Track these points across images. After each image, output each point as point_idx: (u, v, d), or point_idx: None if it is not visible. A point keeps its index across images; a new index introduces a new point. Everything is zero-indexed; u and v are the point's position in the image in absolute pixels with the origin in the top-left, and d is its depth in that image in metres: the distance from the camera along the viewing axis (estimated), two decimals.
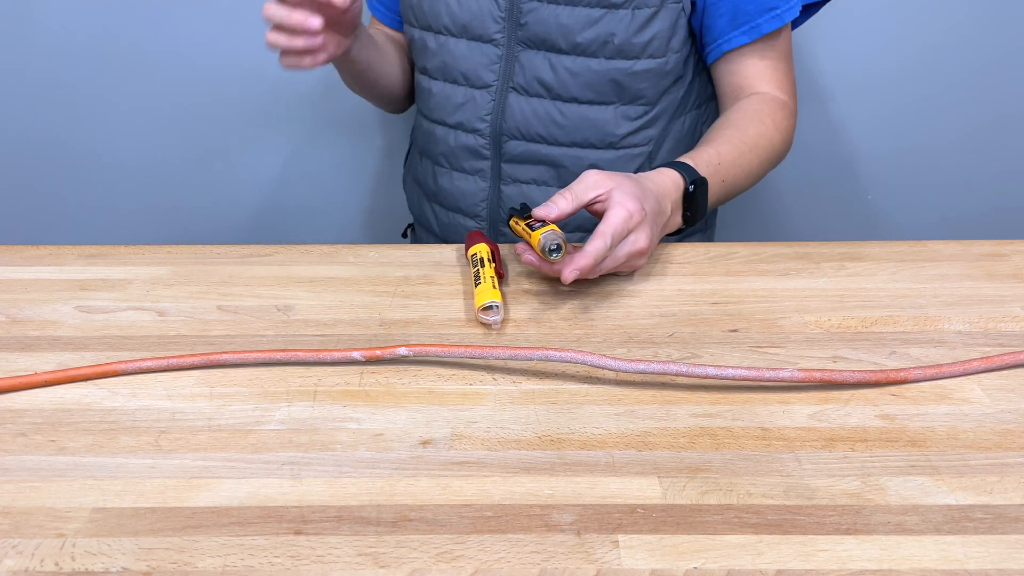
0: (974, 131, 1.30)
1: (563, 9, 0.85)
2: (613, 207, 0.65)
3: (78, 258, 0.72)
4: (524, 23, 0.86)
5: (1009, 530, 0.44)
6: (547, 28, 0.86)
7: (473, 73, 0.91)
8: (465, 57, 0.91)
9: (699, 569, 0.41)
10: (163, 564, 0.41)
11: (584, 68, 0.87)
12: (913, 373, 0.56)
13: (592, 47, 0.85)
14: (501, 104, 0.91)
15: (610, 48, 0.85)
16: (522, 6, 0.86)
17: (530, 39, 0.87)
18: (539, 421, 0.52)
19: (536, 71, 0.88)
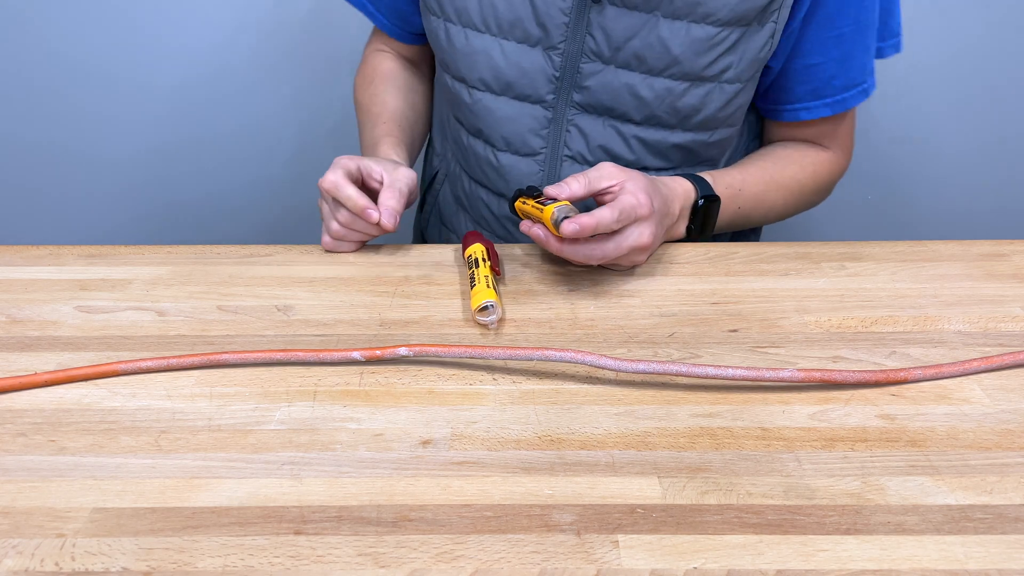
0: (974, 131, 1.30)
1: (640, 78, 0.75)
2: (625, 194, 0.65)
3: (78, 258, 0.72)
4: (585, 87, 0.76)
5: (1009, 530, 0.44)
6: (616, 96, 0.76)
7: (518, 139, 0.81)
8: (509, 119, 0.80)
9: (699, 569, 0.41)
10: (163, 564, 0.41)
11: (661, 140, 0.78)
12: (913, 373, 0.56)
13: (672, 120, 0.77)
14: (554, 174, 0.81)
15: (693, 122, 0.77)
16: (582, 67, 0.76)
17: (591, 105, 0.77)
18: (539, 421, 0.52)
19: (600, 139, 0.79)
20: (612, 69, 0.75)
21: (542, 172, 0.81)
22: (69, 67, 1.25)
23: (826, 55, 0.78)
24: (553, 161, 0.80)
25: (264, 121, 1.30)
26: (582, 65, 0.75)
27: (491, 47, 0.77)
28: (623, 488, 0.46)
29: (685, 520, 0.44)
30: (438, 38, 0.80)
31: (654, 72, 0.74)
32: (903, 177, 1.34)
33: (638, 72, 0.75)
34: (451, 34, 0.79)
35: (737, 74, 0.75)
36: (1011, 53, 1.24)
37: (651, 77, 0.74)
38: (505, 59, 0.77)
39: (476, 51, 0.78)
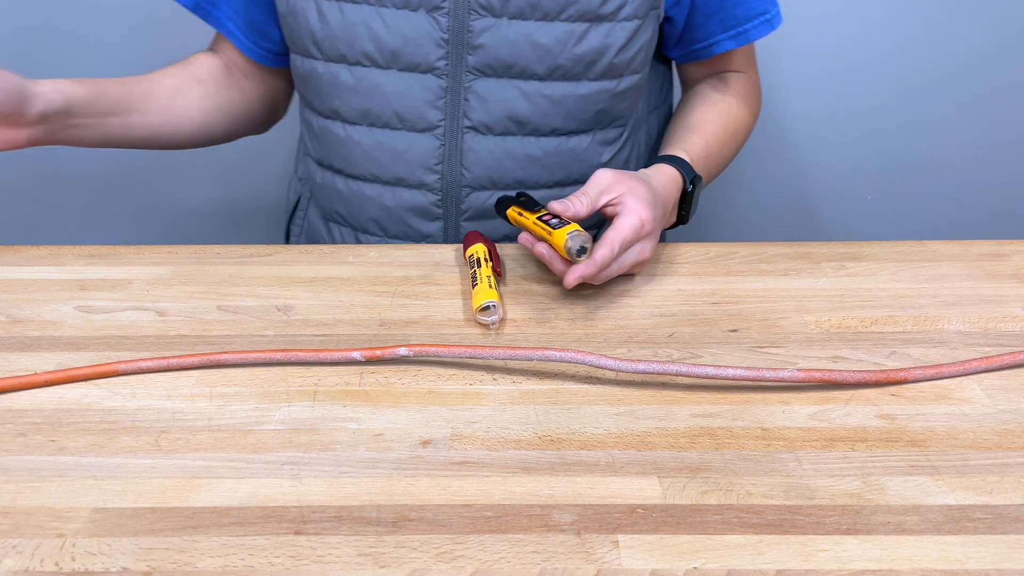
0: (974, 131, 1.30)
1: (536, 26, 0.72)
2: (626, 214, 0.63)
3: (78, 258, 0.72)
4: (479, 46, 0.72)
5: (1009, 530, 0.44)
6: (515, 49, 0.72)
7: (413, 113, 0.75)
8: (399, 94, 0.75)
9: (699, 569, 0.41)
10: (163, 564, 0.41)
11: (568, 94, 0.75)
12: (913, 373, 0.56)
13: (576, 68, 0.74)
14: (454, 149, 0.76)
15: (598, 68, 0.75)
16: (472, 24, 0.72)
17: (489, 66, 0.73)
18: (539, 421, 0.52)
19: (503, 104, 0.75)
20: (505, 21, 0.72)
21: (443, 146, 0.76)
22: (70, 66, 1.25)
23: None
24: (453, 133, 0.76)
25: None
26: (472, 23, 0.71)
27: (370, 17, 0.73)
28: (623, 488, 0.46)
29: (685, 520, 0.44)
30: (308, 21, 0.75)
31: (550, 16, 0.72)
32: (903, 177, 1.34)
33: (533, 20, 0.72)
34: (324, 11, 0.74)
35: (633, 10, 0.74)
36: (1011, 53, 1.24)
37: (548, 23, 0.72)
38: (387, 28, 0.72)
39: (354, 23, 0.73)
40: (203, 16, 0.83)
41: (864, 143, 1.31)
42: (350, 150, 0.79)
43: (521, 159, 0.77)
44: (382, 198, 0.80)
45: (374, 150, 0.78)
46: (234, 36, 0.83)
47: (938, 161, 1.32)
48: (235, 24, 0.82)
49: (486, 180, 0.78)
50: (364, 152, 0.78)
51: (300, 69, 0.79)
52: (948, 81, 1.26)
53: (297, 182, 0.93)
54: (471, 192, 0.79)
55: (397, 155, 0.77)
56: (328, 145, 0.81)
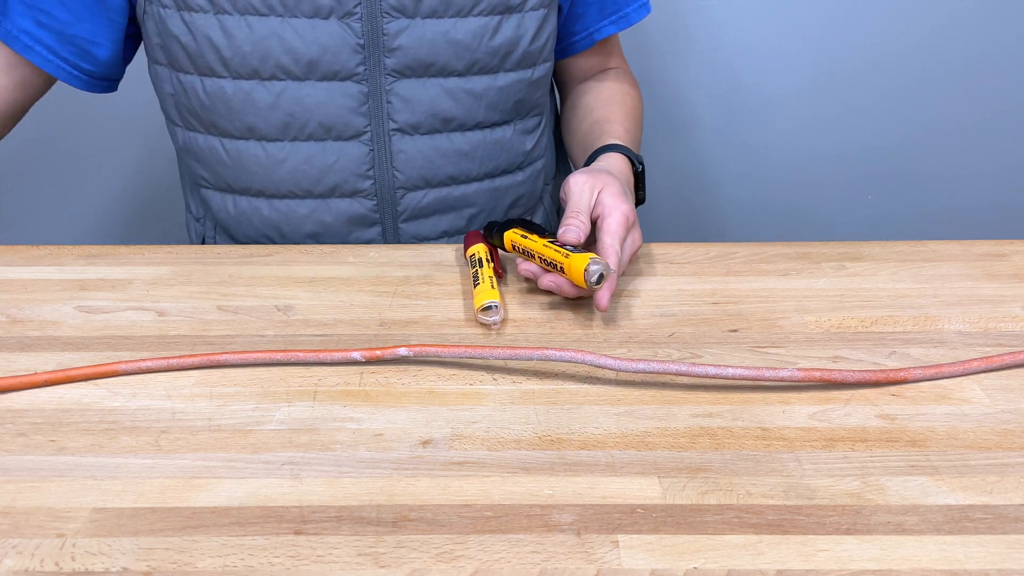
0: (975, 131, 1.30)
1: (451, 23, 0.73)
2: (610, 213, 0.64)
3: (78, 258, 0.72)
4: (396, 48, 0.72)
5: (1009, 530, 0.44)
6: (433, 48, 0.73)
7: (340, 121, 0.74)
8: (322, 104, 0.73)
9: (699, 569, 0.41)
10: (163, 564, 0.41)
11: (488, 87, 0.76)
12: (913, 373, 0.56)
13: (493, 61, 0.76)
14: (384, 152, 0.76)
15: (513, 59, 0.77)
16: (386, 27, 0.71)
17: (408, 67, 0.73)
18: (539, 421, 0.52)
19: (427, 103, 0.75)
20: (419, 21, 0.72)
21: (372, 151, 0.76)
22: None
23: None
24: (380, 137, 0.75)
25: None
26: (386, 25, 0.71)
27: (280, 28, 0.71)
28: (623, 488, 0.46)
29: (685, 520, 0.44)
30: (211, 39, 0.71)
31: (463, 12, 0.73)
32: (903, 177, 1.34)
33: (447, 17, 0.72)
34: (228, 27, 0.71)
35: (538, 0, 0.76)
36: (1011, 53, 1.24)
37: (462, 19, 0.73)
38: (300, 38, 0.71)
39: (264, 37, 0.71)
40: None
41: (864, 143, 1.31)
42: (273, 169, 0.77)
43: (451, 155, 0.78)
44: (318, 213, 0.78)
45: (302, 164, 0.76)
46: (39, 56, 0.75)
47: (938, 161, 1.32)
48: (36, 41, 0.75)
49: (419, 180, 0.78)
50: (291, 168, 0.76)
51: (200, 91, 0.74)
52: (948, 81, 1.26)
53: (195, 222, 0.88)
54: (405, 193, 0.79)
55: (327, 167, 0.76)
56: (244, 168, 0.78)
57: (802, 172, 1.32)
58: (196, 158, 0.80)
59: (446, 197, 0.80)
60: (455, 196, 0.80)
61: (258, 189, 0.78)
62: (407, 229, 0.80)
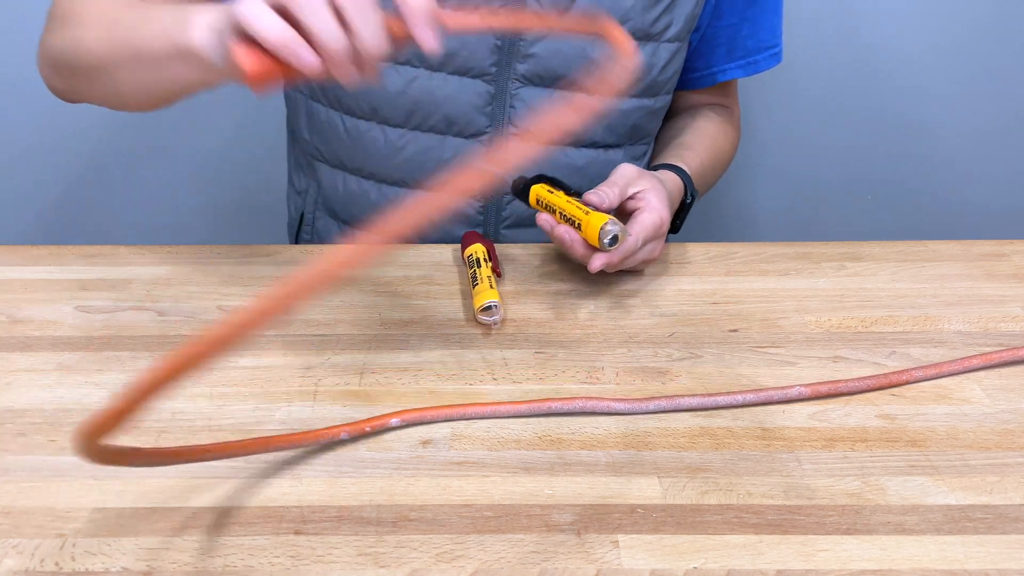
0: (974, 130, 1.30)
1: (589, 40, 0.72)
2: (649, 211, 0.64)
3: (78, 258, 0.72)
4: (531, 54, 0.73)
5: (1009, 530, 0.44)
6: (565, 62, 0.73)
7: (463, 117, 0.75)
8: (451, 98, 0.74)
9: (699, 569, 0.41)
10: (163, 564, 0.41)
11: (611, 108, 0.76)
12: (914, 374, 0.56)
13: None
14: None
15: (640, 85, 0.77)
16: (525, 34, 0.73)
17: (537, 75, 0.74)
18: (539, 421, 0.52)
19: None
20: (560, 34, 0.72)
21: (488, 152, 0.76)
22: None
23: (740, 15, 0.80)
24: (498, 139, 0.75)
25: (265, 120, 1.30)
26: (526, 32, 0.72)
27: None
28: (623, 488, 0.46)
29: (685, 520, 0.44)
30: None
31: None
32: (903, 177, 1.33)
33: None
34: None
35: (676, 32, 0.76)
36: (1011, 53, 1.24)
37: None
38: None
39: None
40: None
41: (864, 143, 1.31)
42: (390, 156, 0.77)
43: (563, 168, 0.78)
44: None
45: (419, 155, 0.76)
46: None
47: (938, 161, 1.32)
48: None
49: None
50: (408, 157, 0.77)
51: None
52: (948, 80, 1.26)
53: (296, 196, 0.89)
54: (512, 200, 0.79)
55: (443, 161, 0.76)
56: (361, 149, 0.78)
57: (802, 172, 1.32)
58: (316, 130, 0.81)
59: None
60: None
61: (370, 171, 0.79)
62: (508, 235, 0.80)
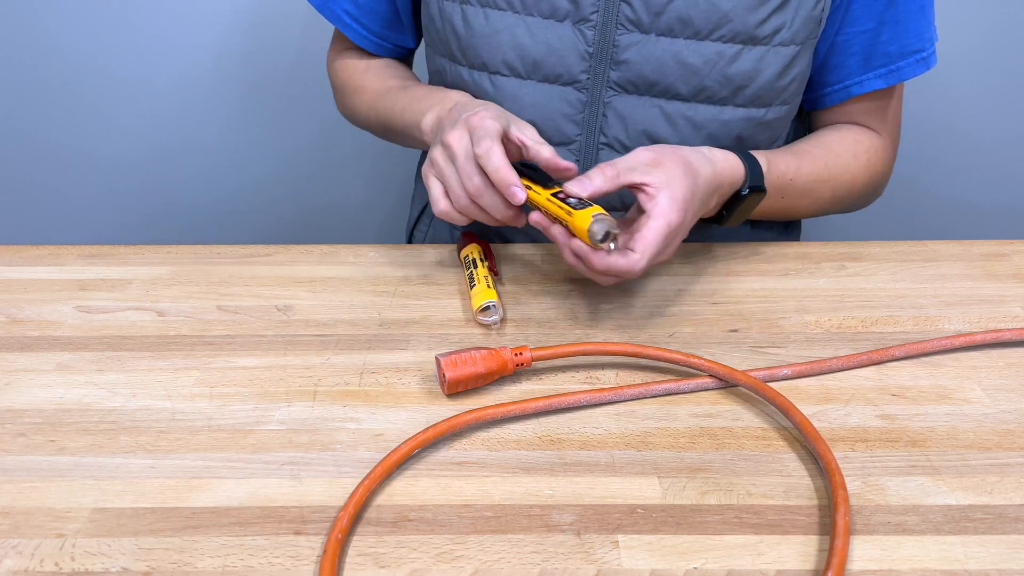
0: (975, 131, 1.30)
1: (685, 44, 0.68)
2: (655, 217, 0.57)
3: (78, 258, 0.72)
4: (623, 61, 0.70)
5: (1009, 530, 0.44)
6: (661, 67, 0.69)
7: (550, 125, 0.73)
8: (538, 104, 0.73)
9: (699, 569, 0.41)
10: (163, 564, 0.41)
11: (711, 118, 0.71)
12: (894, 352, 0.57)
13: (723, 92, 0.70)
14: (589, 165, 0.73)
15: (746, 94, 0.71)
16: (618, 39, 0.69)
17: (631, 82, 0.71)
18: (539, 421, 0.52)
19: (642, 123, 0.72)
20: (653, 38, 0.68)
21: (577, 162, 0.74)
22: (69, 66, 1.25)
23: (877, 18, 0.73)
24: (588, 149, 0.73)
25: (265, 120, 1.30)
26: (618, 37, 0.69)
27: (515, 25, 0.71)
28: (623, 488, 0.46)
29: (685, 520, 0.44)
30: (453, 25, 0.73)
31: (701, 35, 0.68)
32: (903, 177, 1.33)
33: (683, 37, 0.68)
34: (468, 17, 0.72)
35: (791, 35, 0.69)
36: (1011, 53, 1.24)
37: (698, 42, 0.68)
38: (531, 36, 0.70)
39: (498, 31, 0.71)
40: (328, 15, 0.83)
41: None
42: None
43: None
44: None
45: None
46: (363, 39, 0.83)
47: (938, 161, 1.32)
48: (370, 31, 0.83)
49: (616, 200, 0.75)
50: None
51: (448, 75, 0.78)
52: (948, 80, 1.26)
53: (418, 199, 0.94)
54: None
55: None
56: None
57: None
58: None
59: None
60: None
61: None
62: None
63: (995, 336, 0.58)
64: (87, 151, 1.32)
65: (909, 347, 0.57)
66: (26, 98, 1.27)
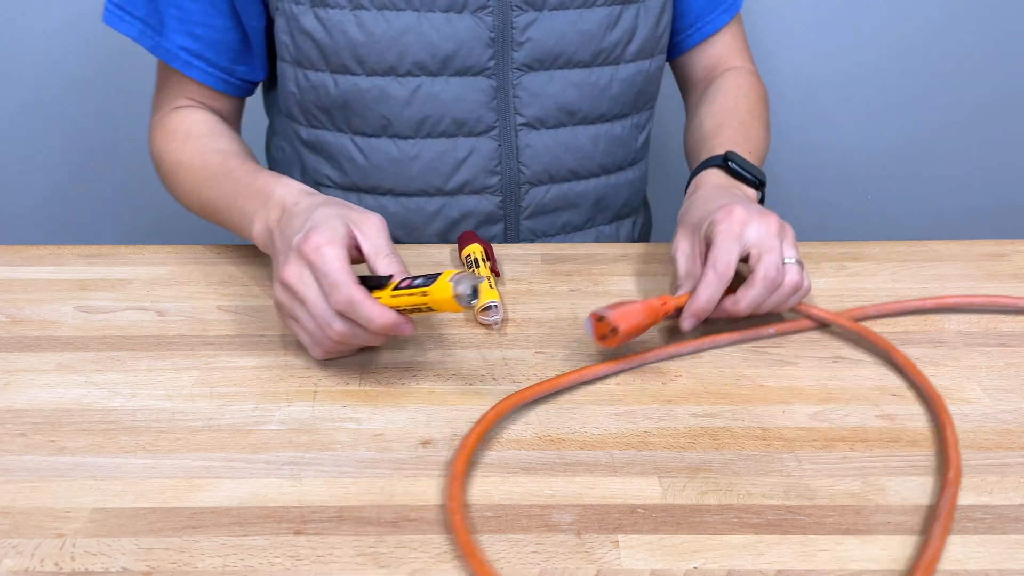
0: (975, 131, 1.30)
1: (577, 14, 0.73)
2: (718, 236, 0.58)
3: (78, 258, 0.72)
4: (524, 42, 0.73)
5: (1009, 530, 0.44)
6: (561, 40, 0.73)
7: (472, 116, 0.75)
8: (457, 99, 0.74)
9: (699, 569, 0.41)
10: (163, 564, 0.41)
11: (611, 78, 0.77)
12: (868, 311, 0.60)
13: (616, 51, 0.76)
14: (511, 148, 0.76)
15: (633, 49, 0.77)
16: (515, 20, 0.72)
17: (537, 59, 0.74)
18: (539, 421, 0.52)
19: (554, 97, 0.75)
20: (547, 14, 0.73)
21: (500, 146, 0.75)
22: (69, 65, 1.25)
23: None
24: (507, 133, 0.75)
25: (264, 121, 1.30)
26: (515, 18, 0.72)
27: (418, 23, 0.71)
28: (623, 488, 0.46)
29: (685, 520, 0.44)
30: (348, 35, 0.71)
31: (588, 3, 0.73)
32: (903, 177, 1.34)
33: (573, 8, 0.73)
34: (365, 22, 0.71)
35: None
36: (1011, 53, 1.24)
37: (587, 9, 0.73)
38: (437, 32, 0.71)
39: (403, 32, 0.71)
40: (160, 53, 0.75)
41: (864, 143, 1.31)
42: (406, 167, 0.76)
43: (574, 149, 0.78)
44: (446, 210, 0.78)
45: (434, 161, 0.76)
46: (207, 76, 0.76)
47: (938, 161, 1.32)
48: (215, 66, 0.76)
49: (544, 175, 0.78)
50: (423, 166, 0.76)
51: (332, 88, 0.74)
52: (948, 80, 1.26)
53: None
54: (530, 189, 0.78)
55: (458, 163, 0.76)
56: (376, 166, 0.77)
57: (802, 172, 1.32)
58: (324, 155, 0.79)
59: (567, 193, 0.79)
60: (576, 192, 0.79)
61: (387, 187, 0.78)
62: (527, 225, 0.80)
63: (985, 301, 0.62)
64: (88, 151, 1.32)
65: (881, 307, 0.61)
66: (25, 97, 1.27)
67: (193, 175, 0.72)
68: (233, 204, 0.65)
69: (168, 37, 0.74)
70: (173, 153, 0.74)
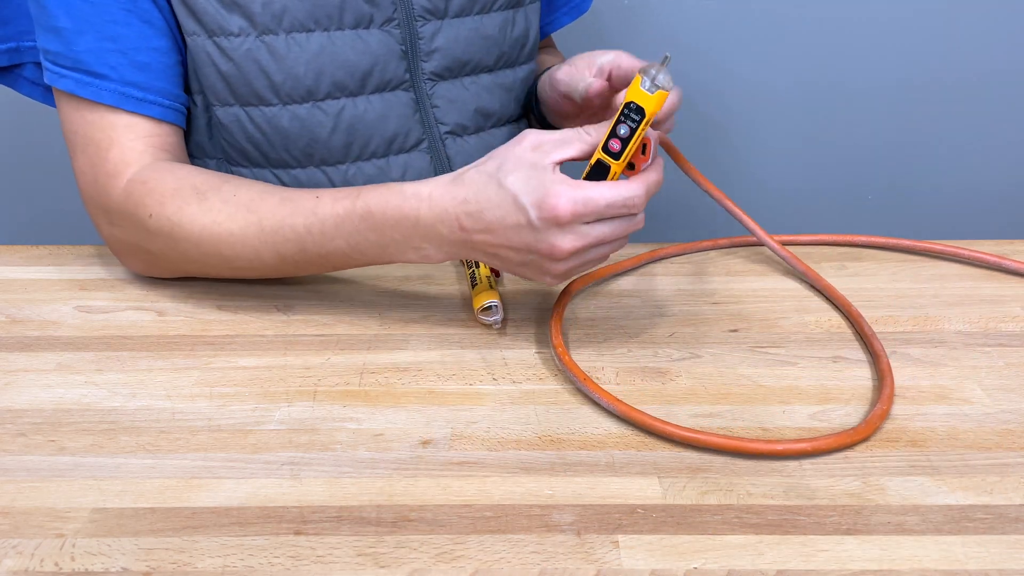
0: (975, 131, 1.30)
1: (479, 19, 0.73)
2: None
3: (78, 258, 0.72)
4: (432, 51, 0.72)
5: (1009, 530, 0.44)
6: (468, 47, 0.74)
7: (401, 131, 0.72)
8: (383, 117, 0.71)
9: (699, 569, 0.41)
10: (163, 564, 0.41)
11: (513, 80, 0.79)
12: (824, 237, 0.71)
13: (514, 53, 0.78)
14: (442, 158, 0.75)
15: (526, 50, 0.79)
16: (420, 31, 0.70)
17: (447, 68, 0.73)
18: (539, 421, 0.52)
19: (470, 102, 0.75)
20: (450, 21, 0.72)
21: (432, 158, 0.74)
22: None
23: None
24: (435, 142, 0.74)
25: None
26: (420, 28, 0.70)
27: (330, 43, 0.67)
28: (623, 488, 0.46)
29: (685, 520, 0.44)
30: (260, 64, 0.66)
31: (486, 8, 0.74)
32: (903, 177, 1.34)
33: (472, 15, 0.73)
34: (275, 48, 0.66)
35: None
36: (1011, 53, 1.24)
37: (486, 14, 0.74)
38: (352, 49, 0.68)
39: (317, 53, 0.67)
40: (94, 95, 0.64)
41: (864, 143, 1.31)
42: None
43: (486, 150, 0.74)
44: None
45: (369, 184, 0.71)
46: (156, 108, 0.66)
47: (939, 161, 1.32)
48: (165, 96, 0.67)
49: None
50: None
51: (247, 124, 0.68)
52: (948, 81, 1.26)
53: None
54: None
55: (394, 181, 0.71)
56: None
57: (802, 172, 1.32)
58: None
59: None
60: None
61: None
62: None
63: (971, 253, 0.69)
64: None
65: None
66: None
67: (249, 235, 0.61)
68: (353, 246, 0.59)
69: (107, 76, 0.63)
70: (197, 217, 0.62)
